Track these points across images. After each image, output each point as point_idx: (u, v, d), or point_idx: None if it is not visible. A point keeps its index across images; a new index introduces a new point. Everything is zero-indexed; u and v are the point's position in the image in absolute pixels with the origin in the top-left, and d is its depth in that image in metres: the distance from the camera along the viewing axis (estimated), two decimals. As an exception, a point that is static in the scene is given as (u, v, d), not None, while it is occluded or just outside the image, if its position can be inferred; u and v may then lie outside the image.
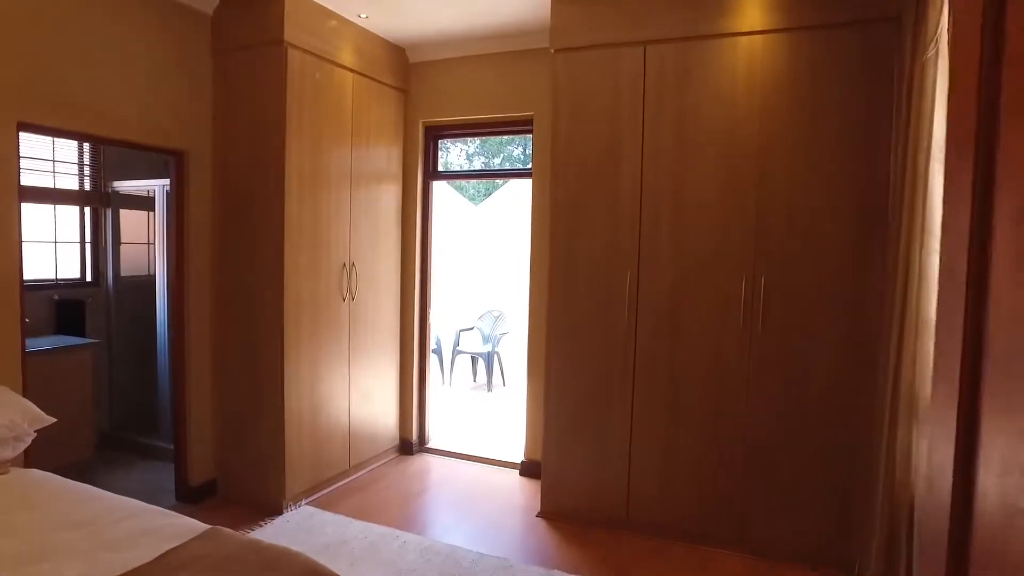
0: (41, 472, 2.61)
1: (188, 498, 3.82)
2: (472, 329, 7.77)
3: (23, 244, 4.24)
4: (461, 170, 8.52)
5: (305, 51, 3.69)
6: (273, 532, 3.45)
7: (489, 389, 7.30)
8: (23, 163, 4.28)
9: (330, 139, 3.95)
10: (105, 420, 4.79)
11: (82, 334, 4.46)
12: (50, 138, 4.40)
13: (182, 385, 3.81)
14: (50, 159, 4.48)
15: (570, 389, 3.67)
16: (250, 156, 3.74)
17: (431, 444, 4.99)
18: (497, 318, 7.71)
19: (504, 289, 8.40)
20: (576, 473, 3.69)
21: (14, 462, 2.69)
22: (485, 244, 8.77)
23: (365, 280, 4.34)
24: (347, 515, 3.69)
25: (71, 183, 4.66)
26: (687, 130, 3.34)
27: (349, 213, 4.16)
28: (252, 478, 3.84)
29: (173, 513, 2.19)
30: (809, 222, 3.14)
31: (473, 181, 11.34)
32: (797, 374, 3.20)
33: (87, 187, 4.73)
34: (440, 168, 4.95)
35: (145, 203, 4.70)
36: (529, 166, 4.47)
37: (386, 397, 4.66)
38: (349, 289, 4.18)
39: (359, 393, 4.34)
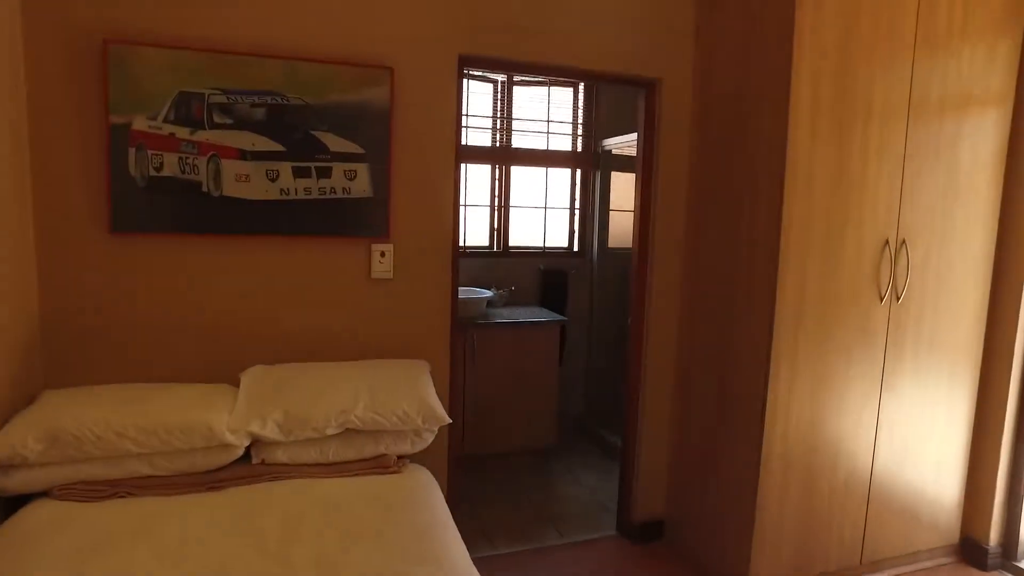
0: (429, 477, 2.14)
1: (629, 533, 3.01)
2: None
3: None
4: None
5: None
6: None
7: None
8: (518, 124, 4.18)
9: (869, 48, 2.43)
10: (579, 404, 4.44)
11: (562, 309, 4.13)
12: (545, 96, 4.16)
13: (636, 391, 2.98)
14: (544, 119, 4.24)
15: None
16: (739, 81, 2.58)
17: (1025, 556, 2.92)
18: None
19: None
20: None
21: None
22: None
23: (922, 269, 2.66)
24: (843, 652, 2.25)
25: (565, 144, 4.35)
26: None
27: (902, 162, 2.56)
28: (708, 536, 2.76)
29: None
30: None
31: None
32: None
33: (579, 148, 4.35)
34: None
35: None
36: None
37: (943, 458, 2.86)
38: (892, 282, 2.60)
39: (893, 444, 2.72)
